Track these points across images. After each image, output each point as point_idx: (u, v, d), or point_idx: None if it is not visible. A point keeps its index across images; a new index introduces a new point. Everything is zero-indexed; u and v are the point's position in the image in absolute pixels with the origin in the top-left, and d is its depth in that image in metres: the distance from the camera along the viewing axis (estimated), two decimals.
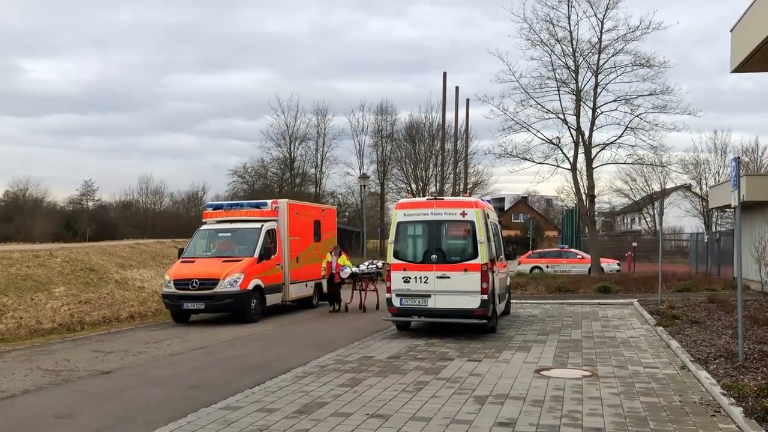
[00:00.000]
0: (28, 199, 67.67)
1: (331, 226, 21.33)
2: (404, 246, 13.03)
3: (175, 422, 6.73)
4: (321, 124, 58.60)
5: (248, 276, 15.84)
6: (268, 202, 18.22)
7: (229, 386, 8.59)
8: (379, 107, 59.55)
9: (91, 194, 72.53)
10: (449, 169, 42.83)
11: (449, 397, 7.65)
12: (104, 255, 22.98)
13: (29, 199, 67.77)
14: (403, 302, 12.59)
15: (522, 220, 76.11)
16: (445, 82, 32.76)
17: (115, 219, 68.00)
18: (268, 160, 58.58)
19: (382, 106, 59.75)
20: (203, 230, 17.84)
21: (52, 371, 9.88)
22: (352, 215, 58.86)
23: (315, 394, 7.87)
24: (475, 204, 12.81)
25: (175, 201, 73.17)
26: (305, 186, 59.01)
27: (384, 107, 59.30)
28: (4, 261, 18.33)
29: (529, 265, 32.61)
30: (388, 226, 59.03)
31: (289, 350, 11.80)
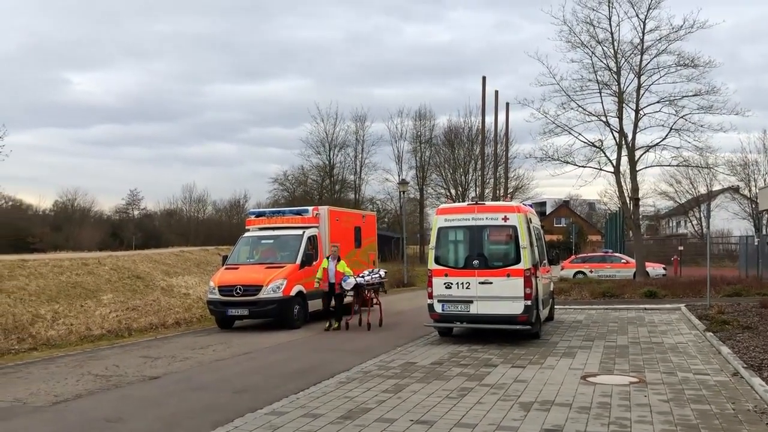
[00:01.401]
0: (76, 208, 69.44)
1: (371, 232, 21.39)
2: (445, 251, 12.98)
3: (222, 427, 6.82)
4: (359, 130, 58.85)
5: (291, 282, 15.98)
6: (309, 208, 18.36)
7: (274, 391, 8.67)
8: (418, 112, 59.58)
9: (137, 203, 74.19)
10: (489, 174, 42.54)
11: (494, 404, 7.58)
12: (150, 263, 23.47)
13: (77, 209, 69.52)
14: (445, 308, 12.54)
15: (564, 225, 75.11)
16: (484, 86, 32.62)
17: (159, 227, 69.33)
18: (307, 167, 59.07)
19: (420, 111, 59.83)
20: (246, 237, 18.08)
21: (103, 376, 10.12)
22: (391, 221, 58.90)
23: (359, 400, 7.89)
24: (517, 208, 12.70)
25: (218, 209, 74.35)
26: (345, 192, 59.30)
27: (422, 112, 59.29)
28: (55, 269, 18.87)
29: (573, 270, 32.16)
30: (427, 232, 59.06)
31: (331, 356, 11.86)
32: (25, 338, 13.84)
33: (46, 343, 13.84)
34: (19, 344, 13.48)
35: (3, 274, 16.70)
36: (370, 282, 15.95)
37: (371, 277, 16.13)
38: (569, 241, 54.78)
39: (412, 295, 27.32)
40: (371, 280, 16.01)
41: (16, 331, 14.00)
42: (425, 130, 58.66)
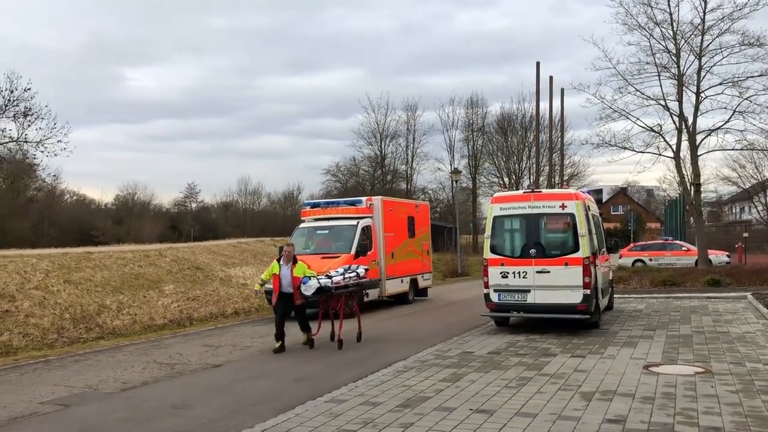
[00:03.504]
0: (136, 202, 71.55)
1: (425, 221, 21.37)
2: (501, 240, 12.86)
3: (284, 414, 6.94)
4: (411, 120, 58.75)
5: None
6: (363, 199, 18.46)
7: (333, 380, 8.78)
8: (470, 100, 59.06)
9: (194, 196, 75.90)
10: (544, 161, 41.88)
11: (554, 393, 7.49)
12: (209, 254, 23.99)
13: (137, 203, 71.63)
14: (502, 298, 12.44)
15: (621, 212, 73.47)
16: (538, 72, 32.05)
17: (216, 219, 70.82)
18: (359, 158, 59.34)
19: (472, 99, 59.27)
20: (302, 228, 18.30)
21: (167, 364, 10.43)
22: (444, 211, 58.67)
23: (417, 389, 7.91)
24: (575, 195, 12.48)
25: (272, 201, 75.57)
26: (396, 183, 59.35)
27: (474, 100, 58.76)
28: (118, 261, 19.47)
29: (631, 258, 31.48)
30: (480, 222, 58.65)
31: (388, 345, 11.93)
32: (93, 327, 14.37)
33: (112, 332, 14.35)
34: (87, 333, 14.02)
35: (71, 266, 17.34)
36: (339, 284, 11.62)
37: (344, 277, 11.92)
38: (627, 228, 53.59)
39: (465, 285, 27.22)
40: (343, 281, 11.78)
41: (84, 320, 14.54)
42: (477, 118, 58.18)
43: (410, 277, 19.58)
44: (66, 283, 16.04)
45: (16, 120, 36.45)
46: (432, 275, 22.11)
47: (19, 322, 13.43)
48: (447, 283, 28.73)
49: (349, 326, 12.32)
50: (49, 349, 12.53)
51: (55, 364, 10.82)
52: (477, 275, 31.00)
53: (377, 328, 14.55)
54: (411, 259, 19.72)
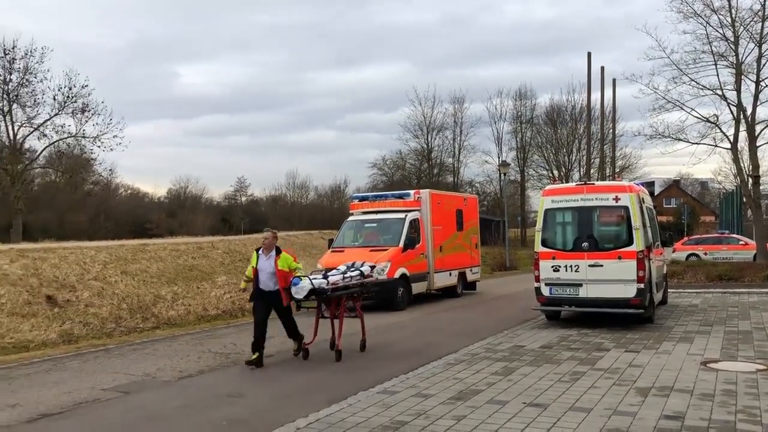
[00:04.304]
0: (188, 195, 73.24)
1: (473, 215, 21.25)
2: (552, 234, 12.71)
3: (337, 404, 7.01)
4: (458, 113, 58.43)
5: (394, 265, 16.18)
6: (411, 192, 18.47)
7: (383, 371, 8.82)
8: (518, 92, 58.42)
9: (244, 190, 77.26)
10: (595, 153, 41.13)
11: (608, 388, 7.38)
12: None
13: (189, 196, 73.30)
14: (553, 291, 12.30)
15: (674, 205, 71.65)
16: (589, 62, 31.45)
17: (265, 212, 71.89)
18: (405, 151, 59.33)
19: (520, 90, 58.58)
20: (350, 221, 18.43)
21: (222, 354, 10.66)
22: (491, 204, 58.25)
23: (469, 382, 7.89)
24: (629, 188, 12.23)
25: (320, 194, 76.27)
26: (443, 176, 59.14)
27: (523, 92, 58.09)
28: (172, 253, 19.94)
29: (685, 252, 30.69)
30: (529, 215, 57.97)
31: (437, 338, 11.93)
32: (149, 317, 14.77)
33: (167, 323, 14.74)
34: (143, 323, 14.42)
35: (127, 257, 17.84)
36: (337, 285, 9.87)
37: (345, 276, 10.18)
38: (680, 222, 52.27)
39: (514, 278, 26.99)
40: (342, 281, 10.02)
41: (140, 310, 14.96)
42: (526, 109, 57.55)
43: (458, 271, 19.52)
44: (123, 275, 16.52)
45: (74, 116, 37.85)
46: (480, 269, 21.99)
47: (79, 312, 13.90)
48: (495, 277, 28.53)
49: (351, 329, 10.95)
50: (108, 338, 12.94)
51: (114, 353, 11.18)
52: (525, 269, 30.73)
53: (426, 320, 14.57)
54: (459, 253, 19.66)
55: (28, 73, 36.30)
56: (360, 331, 10.77)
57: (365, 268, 10.69)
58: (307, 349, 10.11)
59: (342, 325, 10.09)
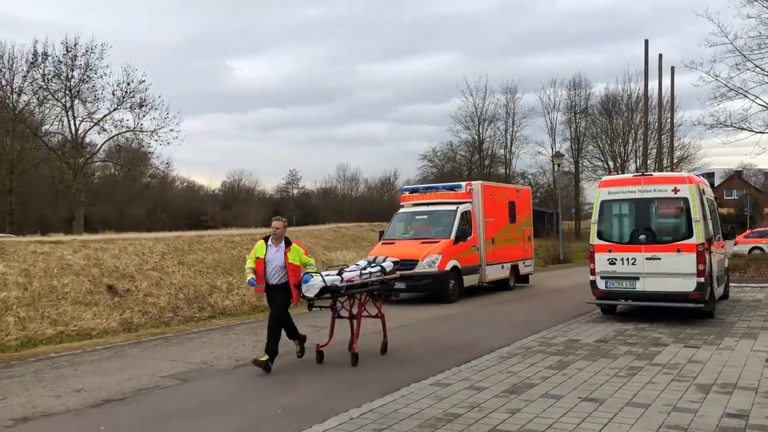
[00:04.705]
0: (241, 188, 74.56)
1: (526, 207, 20.98)
2: (609, 226, 12.45)
3: (390, 395, 7.04)
4: (510, 103, 57.76)
5: (446, 257, 16.11)
6: (462, 184, 18.34)
7: (436, 363, 8.81)
8: (572, 82, 57.23)
9: (296, 182, 78.08)
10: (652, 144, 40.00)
11: (667, 384, 7.20)
12: (311, 238, 24.61)
13: (243, 189, 74.62)
14: (609, 285, 12.05)
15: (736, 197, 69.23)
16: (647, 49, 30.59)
17: (316, 205, 72.60)
18: (456, 143, 58.99)
19: (574, 80, 57.40)
20: (401, 213, 18.42)
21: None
22: (544, 196, 57.40)
23: (522, 375, 7.81)
24: (689, 179, 11.87)
25: (370, 186, 76.62)
26: (495, 167, 58.57)
27: (577, 81, 56.90)
28: (227, 244, 20.32)
29: (748, 245, 29.71)
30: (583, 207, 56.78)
31: (490, 331, 11.84)
32: (205, 307, 15.11)
33: (222, 312, 15.05)
34: (200, 312, 14.77)
35: (184, 248, 18.26)
36: (353, 282, 9.01)
37: (363, 273, 9.30)
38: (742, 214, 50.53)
39: (568, 272, 26.56)
40: (360, 278, 9.17)
41: (197, 300, 15.31)
42: (580, 99, 56.40)
43: (511, 263, 19.32)
44: (180, 265, 16.91)
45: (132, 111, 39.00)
46: (533, 261, 21.71)
47: (138, 301, 14.31)
48: (548, 270, 28.14)
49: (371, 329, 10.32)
50: (166, 327, 13.29)
51: (172, 341, 11.48)
52: (580, 262, 30.20)
53: (478, 313, 14.49)
54: (512, 245, 19.45)
55: (88, 69, 37.58)
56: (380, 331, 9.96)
57: (387, 263, 9.86)
58: (321, 351, 9.21)
59: (360, 326, 9.22)
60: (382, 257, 10.22)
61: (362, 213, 57.74)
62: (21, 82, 37.69)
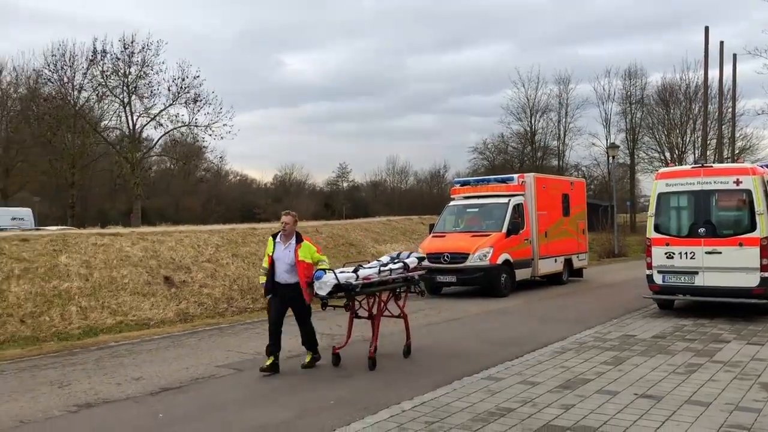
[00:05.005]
0: (293, 182, 75.36)
1: (580, 199, 20.60)
2: (666, 219, 12.11)
3: (442, 388, 7.02)
4: (563, 94, 56.68)
5: (497, 250, 15.95)
6: (514, 176, 18.11)
7: (488, 357, 8.75)
8: (627, 71, 55.73)
9: (346, 176, 78.39)
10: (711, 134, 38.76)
11: (729, 382, 6.97)
12: (361, 231, 24.73)
13: (294, 182, 75.42)
14: (666, 279, 11.74)
15: None
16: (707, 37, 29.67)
17: (366, 198, 72.85)
18: (508, 134, 58.30)
19: (630, 69, 55.84)
20: (452, 206, 18.32)
21: (328, 335, 10.91)
22: (598, 188, 56.24)
23: (577, 371, 7.68)
24: (752, 170, 11.44)
25: (419, 179, 76.41)
26: (547, 159, 57.66)
27: (632, 71, 55.38)
28: None
29: None
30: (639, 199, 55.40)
31: (542, 325, 11.69)
32: (258, 299, 15.33)
33: None
34: (253, 303, 15.01)
35: (237, 240, 18.59)
36: (370, 280, 8.33)
37: (384, 269, 8.62)
38: None
39: (623, 266, 25.98)
40: (378, 276, 8.48)
41: (250, 291, 15.57)
42: (636, 89, 54.93)
43: (564, 257, 19.02)
44: (234, 257, 17.23)
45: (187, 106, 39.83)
46: (587, 255, 21.32)
47: (194, 292, 14.64)
48: (603, 264, 27.59)
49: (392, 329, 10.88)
50: (220, 318, 13.57)
51: (227, 332, 11.71)
52: (635, 256, 29.51)
53: (530, 307, 14.32)
54: (565, 239, 19.13)
55: (145, 66, 38.49)
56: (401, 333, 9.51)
57: (411, 259, 9.19)
58: (337, 354, 8.65)
59: (378, 327, 8.64)
60: (406, 253, 9.53)
61: (412, 206, 57.65)
62: (81, 79, 38.95)
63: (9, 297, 11.91)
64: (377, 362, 8.41)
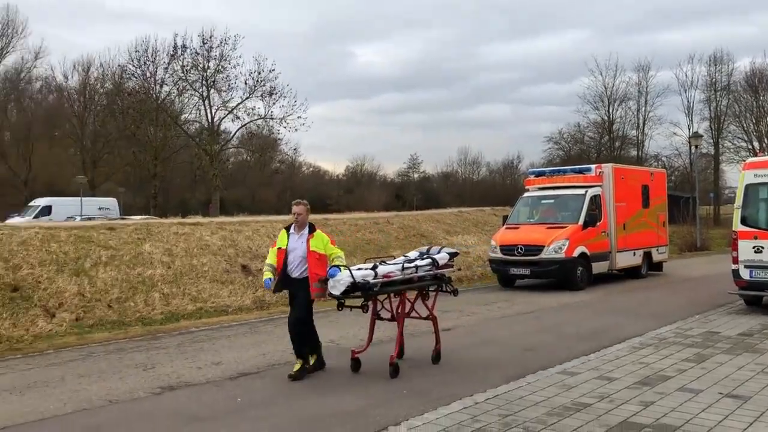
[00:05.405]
0: (364, 173, 75.98)
1: (661, 190, 19.90)
2: (754, 211, 11.53)
3: (515, 382, 6.94)
4: (642, 81, 54.95)
5: (573, 243, 15.60)
6: (591, 167, 17.65)
7: (563, 352, 8.58)
8: (712, 57, 53.40)
9: (417, 167, 78.42)
10: None
11: None
12: (432, 222, 24.70)
13: (365, 173, 76.02)
14: (754, 275, 11.20)
15: None
16: None
17: (437, 189, 72.67)
18: (584, 124, 56.98)
19: (715, 55, 53.50)
20: (526, 197, 18.03)
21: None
22: (679, 180, 54.14)
23: (656, 367, 7.44)
24: None
25: (492, 170, 75.65)
26: (625, 149, 56.03)
27: (718, 56, 53.03)
28: (351, 227, 20.84)
29: None
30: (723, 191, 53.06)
31: (620, 320, 11.37)
32: None
33: None
34: None
35: None
36: (391, 277, 7.58)
37: (408, 267, 7.83)
38: None
39: (705, 260, 24.97)
40: (405, 274, 7.75)
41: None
42: (721, 76, 52.56)
43: (643, 250, 18.43)
44: None
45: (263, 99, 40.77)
46: (668, 249, 20.58)
47: None
48: (684, 258, 26.58)
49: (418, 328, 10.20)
50: None
51: None
52: (719, 250, 28.32)
53: (607, 301, 13.97)
54: (645, 231, 18.53)
55: (223, 60, 39.61)
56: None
57: (441, 255, 8.22)
58: (357, 359, 7.85)
59: (401, 330, 7.86)
60: (436, 248, 8.60)
61: (484, 197, 57.10)
62: (163, 74, 40.48)
63: (97, 283, 12.52)
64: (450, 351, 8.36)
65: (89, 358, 8.89)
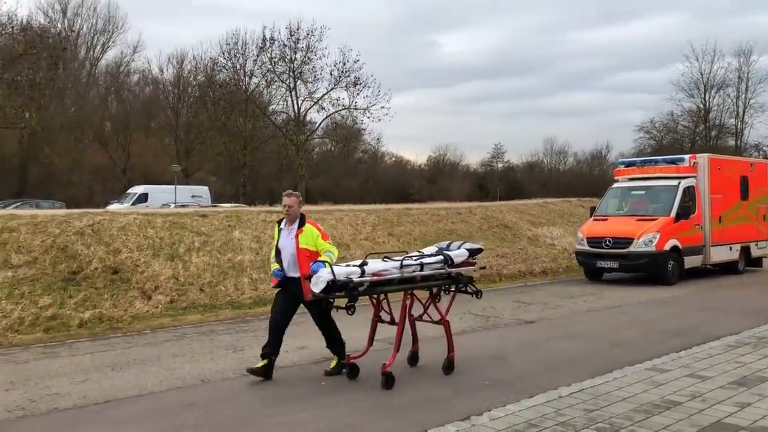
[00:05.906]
0: (446, 163, 75.58)
1: (761, 182, 18.85)
2: None
3: (601, 377, 6.78)
4: (743, 67, 52.08)
5: (664, 236, 15.05)
6: (685, 157, 16.92)
7: (651, 348, 8.32)
8: None
9: (500, 156, 77.33)
10: None
11: None
12: (516, 213, 24.32)
13: (447, 163, 75.61)
14: None
15: None
16: None
17: (521, 179, 71.44)
18: (678, 112, 54.57)
19: None
20: (615, 188, 17.50)
21: (482, 316, 10.92)
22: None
23: (754, 367, 7.09)
24: None
25: (579, 160, 73.70)
26: (722, 139, 53.38)
27: None
28: (433, 217, 20.81)
29: None
30: None
31: (713, 317, 10.90)
32: None
33: None
34: None
35: (393, 220, 19.03)
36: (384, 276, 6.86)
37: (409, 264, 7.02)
38: None
39: None
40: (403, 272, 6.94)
41: None
42: None
43: (741, 245, 17.54)
44: (389, 236, 17.67)
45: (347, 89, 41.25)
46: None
47: None
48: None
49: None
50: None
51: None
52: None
53: (700, 297, 13.41)
54: (743, 224, 17.63)
55: (309, 51, 40.32)
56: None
57: (459, 252, 7.38)
58: (354, 365, 7.20)
59: (400, 334, 7.00)
60: (456, 243, 7.77)
61: (570, 188, 55.70)
62: (252, 66, 41.62)
63: (190, 267, 13.08)
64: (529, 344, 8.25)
65: (182, 339, 9.33)
